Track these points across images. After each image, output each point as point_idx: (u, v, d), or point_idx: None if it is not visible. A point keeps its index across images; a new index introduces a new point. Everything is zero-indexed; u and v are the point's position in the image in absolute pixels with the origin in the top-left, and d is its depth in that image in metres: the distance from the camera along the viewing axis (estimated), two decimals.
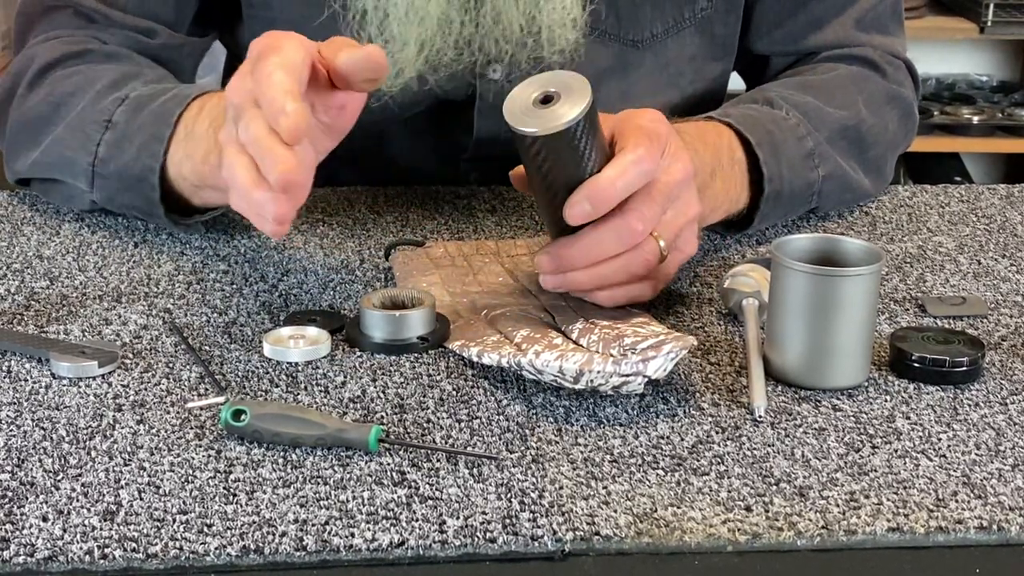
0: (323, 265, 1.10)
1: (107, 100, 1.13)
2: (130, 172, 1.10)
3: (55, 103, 1.16)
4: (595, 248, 0.93)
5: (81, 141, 1.13)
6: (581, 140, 0.91)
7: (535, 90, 0.92)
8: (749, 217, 1.15)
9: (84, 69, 1.18)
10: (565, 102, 0.91)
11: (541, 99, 0.92)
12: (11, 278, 1.07)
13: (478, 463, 0.81)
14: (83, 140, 1.12)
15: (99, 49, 1.20)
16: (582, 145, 0.91)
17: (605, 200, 0.91)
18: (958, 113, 3.11)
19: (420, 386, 0.91)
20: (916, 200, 1.29)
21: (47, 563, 0.72)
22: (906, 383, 0.93)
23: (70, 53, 1.19)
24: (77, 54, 1.19)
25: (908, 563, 0.75)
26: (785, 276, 0.90)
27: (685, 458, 0.83)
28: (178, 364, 0.93)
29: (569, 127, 0.90)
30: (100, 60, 1.19)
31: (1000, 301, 1.06)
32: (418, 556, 0.73)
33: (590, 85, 0.91)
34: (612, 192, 0.91)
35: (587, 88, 0.91)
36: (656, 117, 0.95)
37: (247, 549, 0.73)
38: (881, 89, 1.27)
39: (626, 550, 0.75)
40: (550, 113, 0.91)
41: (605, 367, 0.86)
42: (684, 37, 1.25)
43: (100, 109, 1.13)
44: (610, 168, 0.92)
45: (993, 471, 0.82)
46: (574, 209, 0.92)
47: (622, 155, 0.92)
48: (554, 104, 0.91)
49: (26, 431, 0.84)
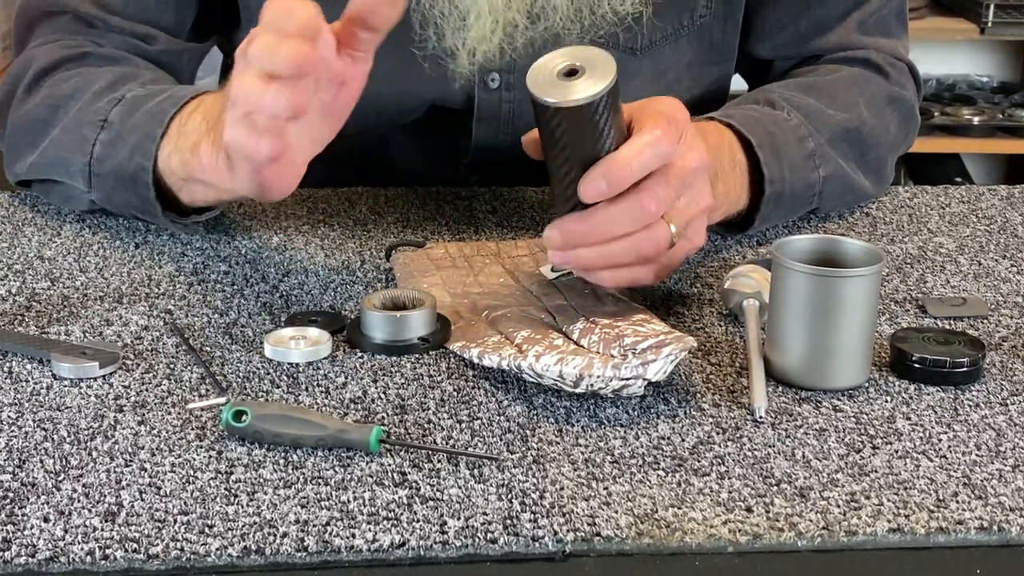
0: (324, 266, 1.10)
1: (103, 100, 1.13)
2: (125, 171, 1.10)
3: (53, 106, 1.17)
4: (607, 226, 0.93)
5: (78, 141, 1.13)
6: (601, 117, 0.90)
7: (560, 62, 0.92)
8: (750, 218, 1.15)
9: (82, 71, 1.18)
10: (589, 77, 0.90)
11: (565, 72, 0.91)
12: (12, 279, 1.07)
13: (479, 464, 0.81)
14: (79, 140, 1.12)
15: (98, 52, 1.20)
16: (602, 122, 0.90)
17: (621, 179, 0.91)
18: (958, 114, 3.11)
19: (421, 387, 0.91)
20: (917, 201, 1.29)
21: (48, 564, 0.72)
22: (907, 384, 0.93)
23: (68, 56, 1.19)
24: (75, 57, 1.19)
25: (909, 564, 0.75)
26: (786, 277, 0.90)
27: (686, 459, 0.83)
28: (179, 365, 0.93)
29: (591, 102, 0.89)
30: (98, 63, 1.19)
31: (1000, 302, 1.06)
32: (419, 557, 0.73)
33: (615, 63, 0.91)
34: (628, 171, 0.91)
35: (612, 65, 0.91)
36: (676, 104, 0.95)
37: (248, 550, 0.73)
38: (883, 91, 1.27)
39: (627, 551, 0.75)
40: (573, 86, 0.90)
41: (605, 371, 0.86)
42: (682, 44, 1.25)
43: (96, 109, 1.13)
44: (627, 147, 0.91)
45: (994, 472, 0.82)
46: (589, 186, 0.91)
47: (639, 135, 0.92)
48: (578, 78, 0.90)
49: (27, 432, 0.84)
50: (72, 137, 1.13)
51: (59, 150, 1.14)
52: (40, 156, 1.16)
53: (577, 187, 0.91)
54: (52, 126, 1.16)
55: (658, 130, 0.91)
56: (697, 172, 0.96)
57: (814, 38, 1.28)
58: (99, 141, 1.11)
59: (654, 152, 0.91)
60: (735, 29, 1.27)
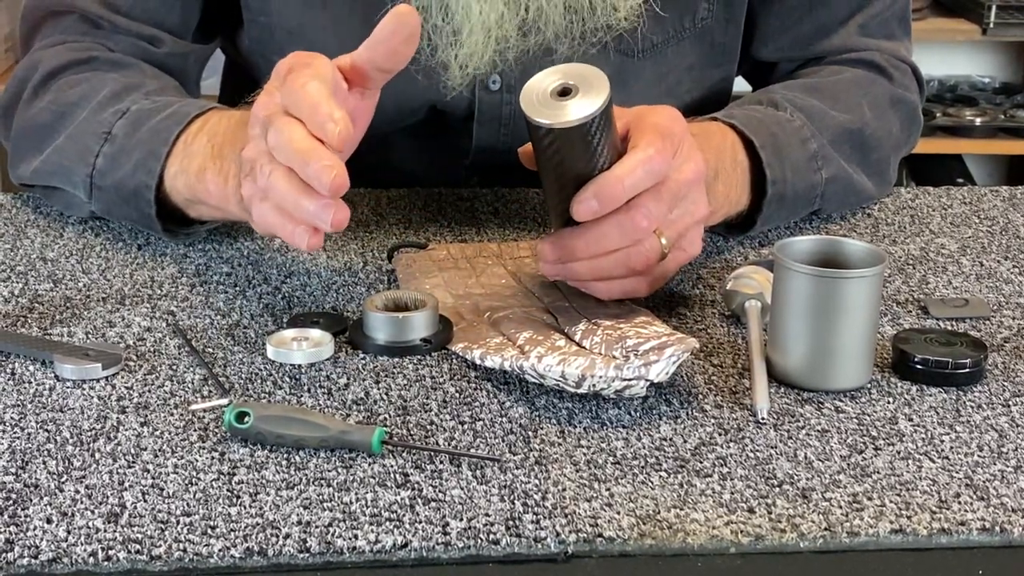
0: (326, 267, 1.10)
1: (108, 112, 1.13)
2: (126, 186, 1.10)
3: (59, 112, 1.17)
4: (598, 241, 0.94)
5: (80, 152, 1.13)
6: (595, 136, 0.90)
7: (552, 81, 0.92)
8: (752, 219, 1.15)
9: (89, 77, 1.18)
10: (583, 96, 0.91)
11: (559, 91, 0.91)
12: (15, 280, 1.07)
13: (481, 465, 0.82)
14: (82, 151, 1.13)
15: (105, 56, 1.20)
16: (595, 141, 0.91)
17: (612, 198, 0.92)
18: (960, 115, 3.10)
19: (423, 388, 0.91)
20: (918, 202, 1.29)
21: (51, 565, 0.72)
22: (909, 385, 0.93)
23: (76, 60, 1.19)
24: (83, 61, 1.19)
25: (911, 565, 0.75)
26: (788, 278, 0.90)
27: (688, 460, 0.83)
28: (181, 366, 0.93)
29: (584, 123, 0.90)
30: (105, 68, 1.19)
31: (1002, 303, 1.06)
32: (421, 558, 0.74)
33: (608, 81, 0.91)
34: (620, 190, 0.92)
35: (605, 84, 0.91)
36: (673, 115, 0.96)
37: (251, 551, 0.73)
38: (886, 92, 1.27)
39: (629, 552, 0.75)
40: (566, 106, 0.90)
41: (607, 372, 0.86)
42: (683, 47, 1.25)
43: (100, 121, 1.13)
44: (619, 166, 0.92)
45: (996, 473, 0.82)
46: (581, 206, 0.92)
47: (632, 154, 0.92)
48: (571, 97, 0.91)
49: (30, 433, 0.84)
50: (75, 147, 1.13)
51: (62, 158, 1.15)
52: (43, 162, 1.17)
53: (570, 205, 0.92)
54: (57, 133, 1.16)
55: (651, 148, 0.92)
56: (692, 184, 0.96)
57: (817, 40, 1.28)
58: (102, 154, 1.11)
59: (646, 171, 0.92)
60: (737, 31, 1.27)
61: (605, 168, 0.92)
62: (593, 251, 0.94)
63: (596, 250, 0.94)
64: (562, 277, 0.97)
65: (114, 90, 1.15)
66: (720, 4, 1.25)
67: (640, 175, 0.92)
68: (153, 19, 1.22)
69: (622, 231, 0.93)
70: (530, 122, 0.91)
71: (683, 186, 0.95)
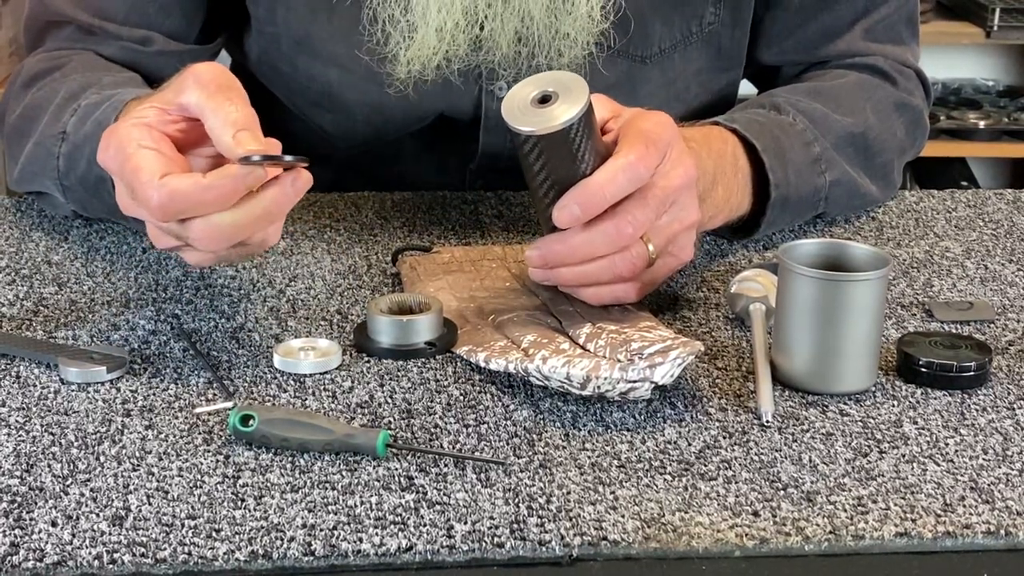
0: (330, 270, 1.10)
1: (65, 112, 1.13)
2: (88, 180, 1.10)
3: (28, 117, 1.18)
4: (584, 247, 0.94)
5: (45, 156, 1.13)
6: (576, 141, 0.91)
7: (533, 89, 0.94)
8: (755, 222, 1.15)
9: (57, 78, 1.18)
10: (563, 103, 0.92)
11: (539, 98, 0.93)
12: (20, 284, 1.07)
13: (486, 468, 0.82)
14: (46, 155, 1.13)
15: (81, 59, 1.20)
16: (577, 146, 0.92)
17: (593, 205, 0.92)
18: (964, 118, 3.10)
19: (428, 391, 0.91)
20: (923, 205, 1.29)
21: (56, 568, 0.72)
22: (913, 388, 0.93)
23: (50, 67, 1.20)
24: (56, 67, 1.20)
25: (916, 568, 0.75)
26: (792, 281, 0.90)
27: (692, 463, 0.83)
28: (186, 369, 0.93)
29: (564, 128, 0.91)
30: (74, 71, 1.19)
31: (1007, 306, 1.06)
32: (426, 561, 0.74)
33: (587, 87, 0.92)
34: (601, 197, 0.92)
35: (584, 89, 0.92)
36: (662, 121, 0.96)
37: (255, 554, 0.73)
38: (889, 97, 1.27)
39: (633, 555, 0.75)
40: (547, 113, 0.92)
41: (612, 373, 0.86)
42: (691, 52, 1.25)
43: (59, 122, 1.13)
44: (600, 172, 0.92)
45: (1000, 476, 0.82)
46: (563, 213, 0.92)
47: (613, 160, 0.93)
48: (551, 104, 0.92)
49: (35, 436, 0.84)
50: (40, 151, 1.14)
51: (33, 165, 1.16)
52: (20, 170, 1.18)
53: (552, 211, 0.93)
54: (27, 138, 1.17)
55: (632, 155, 0.92)
56: (680, 190, 0.96)
57: (822, 45, 1.28)
58: (61, 154, 1.11)
59: (627, 177, 0.92)
60: (744, 35, 1.27)
61: (589, 173, 0.92)
62: (579, 257, 0.94)
63: (582, 256, 0.94)
64: (550, 282, 0.98)
65: (71, 90, 1.15)
66: (727, 8, 1.25)
67: (621, 181, 0.92)
68: (147, 24, 1.22)
69: (607, 238, 0.93)
70: (512, 130, 0.92)
71: (671, 192, 0.95)
